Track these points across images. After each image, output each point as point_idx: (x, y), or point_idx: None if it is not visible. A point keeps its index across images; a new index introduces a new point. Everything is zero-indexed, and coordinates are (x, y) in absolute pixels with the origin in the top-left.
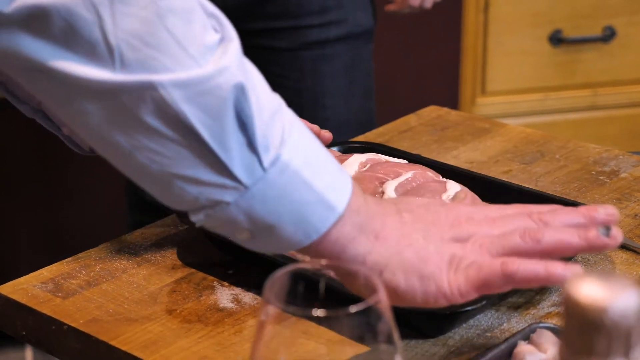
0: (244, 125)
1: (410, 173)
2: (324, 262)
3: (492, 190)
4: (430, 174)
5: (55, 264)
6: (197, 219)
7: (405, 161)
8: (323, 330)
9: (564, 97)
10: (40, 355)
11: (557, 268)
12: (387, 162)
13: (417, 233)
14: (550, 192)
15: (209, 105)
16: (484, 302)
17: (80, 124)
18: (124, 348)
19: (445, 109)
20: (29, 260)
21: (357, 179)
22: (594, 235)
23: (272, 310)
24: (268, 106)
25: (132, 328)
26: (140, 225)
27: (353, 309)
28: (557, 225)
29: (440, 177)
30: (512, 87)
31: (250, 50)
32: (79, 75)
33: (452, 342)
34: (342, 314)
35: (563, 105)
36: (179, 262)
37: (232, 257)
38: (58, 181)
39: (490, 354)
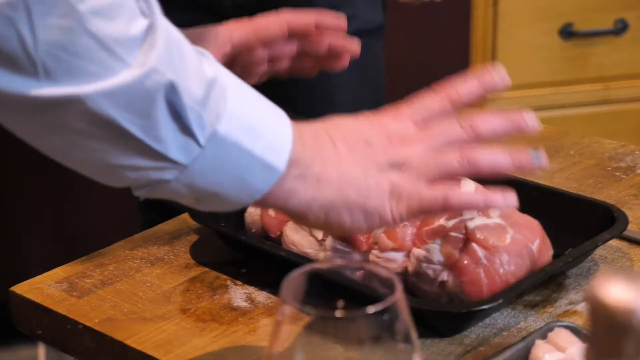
0: (177, 114)
1: None
2: (340, 262)
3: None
4: None
5: (69, 263)
6: (139, 193)
7: None
8: (338, 330)
9: (575, 92)
10: (53, 352)
11: (496, 198)
12: None
13: (356, 167)
14: (565, 188)
15: (139, 108)
16: (500, 301)
17: (11, 128)
18: (138, 347)
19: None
20: (40, 260)
21: None
22: (527, 159)
23: (288, 310)
24: (200, 86)
25: (147, 327)
26: (151, 224)
27: (371, 309)
28: (488, 134)
29: None
30: (522, 81)
31: None
32: (3, 90)
33: (468, 341)
34: (359, 314)
35: (574, 100)
36: (192, 261)
37: (245, 255)
38: (68, 180)
39: (508, 353)
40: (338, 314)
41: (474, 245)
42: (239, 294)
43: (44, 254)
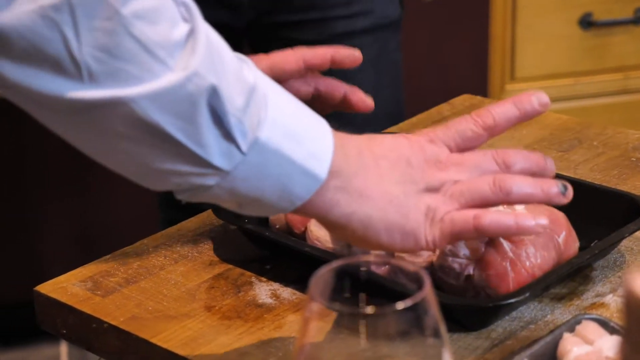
0: (219, 120)
1: None
2: (369, 257)
3: None
4: None
5: (93, 262)
6: (182, 197)
7: None
8: (367, 326)
9: (595, 82)
10: (75, 351)
11: (528, 221)
12: None
13: (397, 187)
14: (589, 179)
15: (182, 111)
16: (527, 295)
17: (53, 128)
18: (164, 345)
19: (479, 98)
20: (61, 259)
21: None
22: (555, 192)
23: (316, 306)
24: (241, 92)
25: (172, 325)
26: (172, 222)
27: (400, 305)
28: (517, 168)
29: None
30: (542, 72)
31: (277, 43)
32: (46, 93)
33: (495, 335)
34: (388, 310)
35: (594, 90)
36: (216, 258)
37: (269, 252)
38: (89, 179)
39: (536, 347)
40: (366, 310)
41: (500, 238)
42: (264, 291)
43: (64, 253)
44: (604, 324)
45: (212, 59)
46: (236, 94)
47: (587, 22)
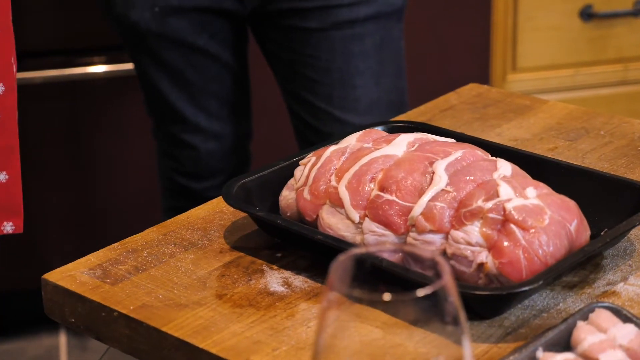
0: None
1: (460, 152)
2: (387, 246)
3: (540, 168)
4: (480, 152)
5: (102, 249)
6: None
7: (453, 140)
8: (377, 314)
9: (595, 73)
10: (75, 340)
11: None
12: (435, 141)
13: None
14: (597, 168)
15: None
16: (540, 283)
17: None
18: (176, 334)
19: (486, 87)
20: (60, 248)
21: (407, 159)
22: None
23: (336, 295)
24: None
25: (183, 314)
26: (174, 210)
27: (420, 292)
28: None
29: (489, 155)
30: (542, 63)
31: (281, 31)
32: None
33: (508, 323)
34: (408, 297)
35: (594, 81)
36: (226, 246)
37: (280, 240)
38: (89, 166)
39: (550, 335)
40: (386, 297)
41: (513, 226)
42: (275, 279)
43: (63, 242)
44: (617, 312)
45: None
46: None
47: (587, 14)
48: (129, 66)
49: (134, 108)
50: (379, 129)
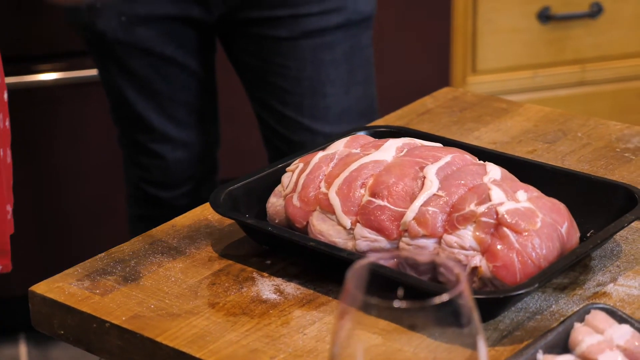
0: None
1: (449, 157)
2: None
3: (526, 172)
4: (468, 156)
5: (88, 260)
6: None
7: (439, 144)
8: (375, 321)
9: (554, 74)
10: (35, 350)
11: None
12: (423, 146)
13: None
14: (577, 170)
15: None
16: (536, 286)
17: None
18: (171, 344)
19: (461, 90)
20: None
21: (397, 164)
22: None
23: (353, 301)
24: None
25: (177, 323)
26: (141, 218)
27: (437, 299)
28: None
29: (477, 159)
30: (502, 65)
31: (251, 39)
32: None
33: (503, 326)
34: (425, 305)
35: (553, 82)
36: (214, 254)
37: (268, 247)
38: (47, 174)
39: (549, 337)
40: (403, 304)
41: (506, 229)
42: (267, 286)
43: (24, 251)
44: (612, 313)
45: None
46: None
47: (545, 16)
48: (86, 73)
49: (91, 115)
50: (362, 134)
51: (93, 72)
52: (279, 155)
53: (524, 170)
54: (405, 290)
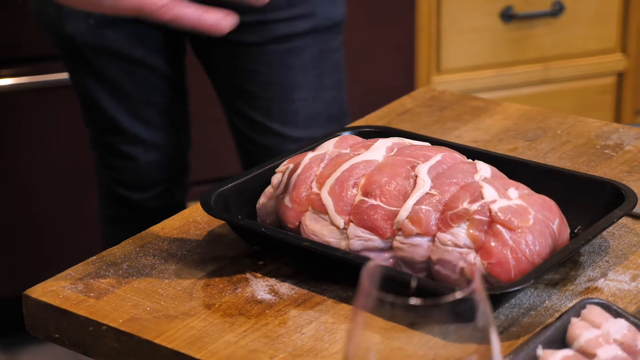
0: None
1: (439, 155)
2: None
3: (512, 169)
4: (457, 155)
5: (80, 263)
6: None
7: (427, 144)
8: (374, 320)
9: (517, 73)
10: (4, 355)
11: (211, 17)
12: (412, 145)
13: None
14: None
15: None
16: (532, 282)
17: None
18: (169, 346)
19: (439, 90)
20: None
21: (388, 164)
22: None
23: (367, 300)
24: None
25: (174, 325)
26: (114, 220)
27: (453, 296)
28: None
29: (465, 158)
30: (466, 64)
31: (219, 44)
32: None
33: (498, 323)
34: (440, 302)
35: (516, 81)
36: (206, 256)
37: (260, 248)
38: (14, 176)
39: (547, 333)
40: (419, 302)
41: (499, 227)
42: (261, 287)
43: None
44: (607, 307)
45: None
46: None
47: (508, 15)
48: (50, 77)
49: (55, 120)
50: (349, 134)
51: (57, 76)
52: (250, 159)
53: (510, 168)
54: (414, 291)
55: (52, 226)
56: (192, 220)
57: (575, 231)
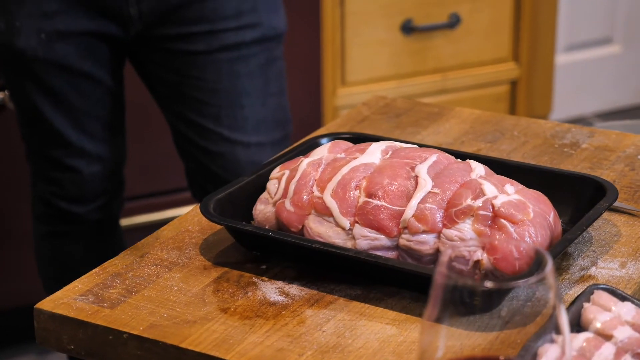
0: None
1: (435, 156)
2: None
3: (495, 169)
4: (449, 156)
5: (85, 275)
6: None
7: (416, 146)
8: (381, 312)
9: (417, 83)
10: None
11: None
12: (406, 147)
13: None
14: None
15: None
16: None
17: None
18: (196, 349)
19: (390, 97)
20: None
21: (388, 166)
22: None
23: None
24: None
25: (195, 329)
26: (51, 235)
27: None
28: None
29: (454, 158)
30: (369, 76)
31: (166, 54)
32: None
33: (504, 314)
34: (513, 286)
35: (417, 91)
36: (208, 263)
37: (260, 253)
38: None
39: None
40: (491, 285)
41: (503, 221)
42: (271, 289)
43: None
44: (613, 292)
45: None
46: None
47: (408, 28)
48: None
49: None
50: (324, 141)
51: None
52: (198, 167)
53: (492, 168)
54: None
55: None
56: (184, 229)
57: (568, 222)
